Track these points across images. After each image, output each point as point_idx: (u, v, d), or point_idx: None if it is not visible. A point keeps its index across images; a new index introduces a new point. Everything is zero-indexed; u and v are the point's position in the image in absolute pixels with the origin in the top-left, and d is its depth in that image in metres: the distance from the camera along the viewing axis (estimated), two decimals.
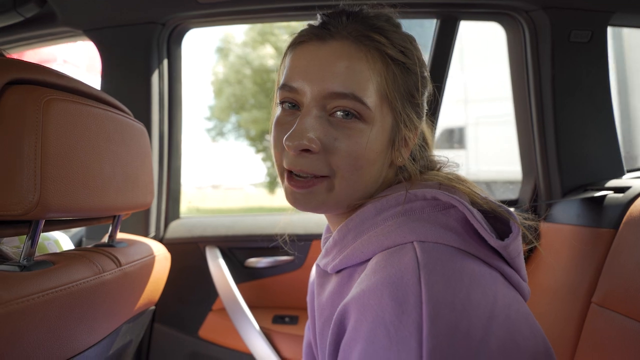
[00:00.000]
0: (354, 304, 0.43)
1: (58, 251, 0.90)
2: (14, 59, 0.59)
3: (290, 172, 0.55)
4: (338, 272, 0.56)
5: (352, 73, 0.51)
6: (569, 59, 1.20)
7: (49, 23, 1.25)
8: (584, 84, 1.21)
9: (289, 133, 0.52)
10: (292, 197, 0.55)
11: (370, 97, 0.52)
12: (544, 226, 1.23)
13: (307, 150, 0.52)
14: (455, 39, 1.26)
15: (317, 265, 0.63)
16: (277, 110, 0.57)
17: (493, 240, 0.46)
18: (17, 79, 0.56)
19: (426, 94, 0.60)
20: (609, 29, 1.22)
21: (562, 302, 1.04)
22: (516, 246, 0.48)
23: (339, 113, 0.52)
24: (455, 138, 6.54)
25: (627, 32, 2.96)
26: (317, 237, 1.34)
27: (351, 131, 0.52)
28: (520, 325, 0.41)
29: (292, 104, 0.55)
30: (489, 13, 1.26)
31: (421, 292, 0.40)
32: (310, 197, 0.54)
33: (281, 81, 0.56)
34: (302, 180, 0.53)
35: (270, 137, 0.58)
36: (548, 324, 1.06)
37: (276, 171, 0.58)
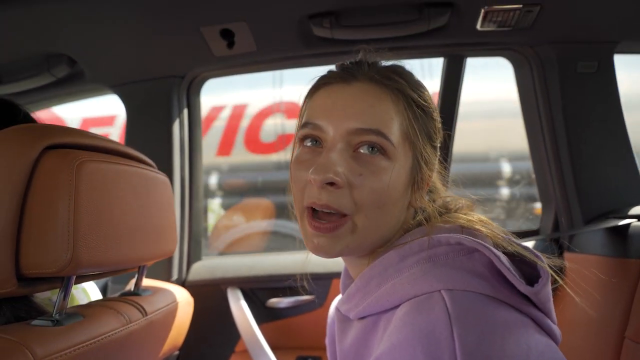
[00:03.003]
0: (386, 358, 0.42)
1: (86, 299, 0.93)
2: (50, 125, 0.64)
3: (312, 214, 0.54)
4: (361, 318, 0.55)
5: (376, 111, 0.53)
6: (578, 90, 1.21)
7: (78, 81, 1.35)
8: (596, 112, 1.21)
9: (314, 167, 0.51)
10: (315, 244, 0.53)
11: (394, 135, 0.53)
12: (568, 256, 1.20)
13: (331, 184, 0.51)
14: (463, 77, 1.30)
15: (337, 310, 0.62)
16: (296, 150, 0.58)
17: (523, 287, 0.45)
18: (53, 144, 0.61)
19: (439, 140, 0.61)
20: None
21: (594, 337, 1.01)
22: (546, 291, 0.47)
23: (364, 148, 0.53)
24: None
25: None
26: (337, 275, 1.34)
27: (375, 167, 0.52)
28: None
29: (314, 141, 0.55)
30: (495, 49, 1.29)
31: (455, 346, 0.38)
32: (334, 242, 0.52)
33: (303, 121, 0.57)
34: (325, 223, 0.52)
35: (289, 177, 0.58)
36: None
37: (295, 213, 0.58)
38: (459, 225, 0.55)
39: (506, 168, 3.12)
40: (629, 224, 1.02)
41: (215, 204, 3.43)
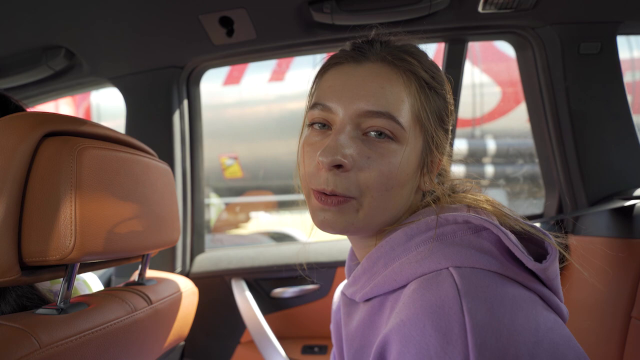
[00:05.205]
0: (395, 335, 0.42)
1: (87, 291, 0.93)
2: (49, 113, 0.63)
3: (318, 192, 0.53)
4: (367, 300, 0.55)
5: (387, 93, 0.52)
6: (581, 71, 1.20)
7: (76, 74, 1.34)
8: (599, 94, 1.20)
9: (322, 149, 0.51)
10: (321, 217, 0.53)
11: (405, 118, 0.52)
12: (573, 239, 1.20)
13: (339, 167, 0.51)
14: (464, 61, 1.28)
15: (343, 294, 0.62)
16: (305, 132, 0.58)
17: (531, 263, 0.45)
18: (53, 131, 0.61)
19: (452, 122, 0.60)
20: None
21: (601, 318, 1.00)
22: (554, 268, 0.47)
23: (372, 133, 0.52)
24: None
25: None
26: (341, 264, 1.34)
27: (384, 150, 0.51)
28: (565, 350, 0.40)
29: (322, 125, 0.55)
30: (497, 33, 1.28)
31: (464, 320, 0.39)
32: (340, 217, 0.52)
33: (313, 101, 0.56)
34: (332, 197, 0.52)
35: (298, 158, 0.58)
36: (588, 342, 1.02)
37: (302, 191, 0.58)
38: (466, 204, 0.54)
39: None
40: (634, 205, 1.02)
41: None
